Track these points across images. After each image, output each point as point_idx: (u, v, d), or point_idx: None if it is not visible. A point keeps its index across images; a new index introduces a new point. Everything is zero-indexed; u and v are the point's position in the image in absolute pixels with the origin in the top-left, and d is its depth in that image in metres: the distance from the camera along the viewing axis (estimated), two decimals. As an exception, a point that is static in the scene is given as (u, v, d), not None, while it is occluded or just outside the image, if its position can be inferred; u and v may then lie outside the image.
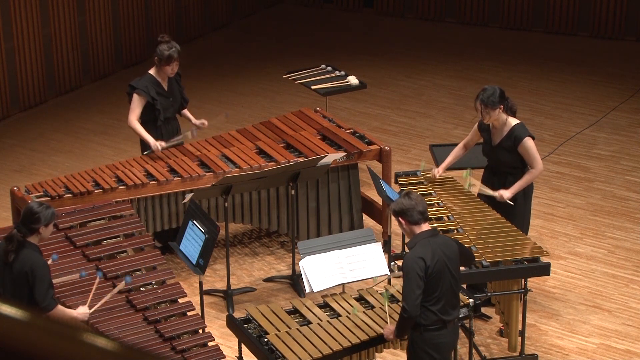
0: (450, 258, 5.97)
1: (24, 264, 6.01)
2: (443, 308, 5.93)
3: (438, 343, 5.97)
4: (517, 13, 13.71)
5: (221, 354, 6.37)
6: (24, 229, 6.07)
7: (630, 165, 10.09)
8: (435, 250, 5.90)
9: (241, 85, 12.29)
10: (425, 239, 5.95)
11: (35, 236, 6.10)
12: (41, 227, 6.07)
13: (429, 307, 5.91)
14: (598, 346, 7.42)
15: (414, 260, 5.88)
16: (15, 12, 11.16)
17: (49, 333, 1.56)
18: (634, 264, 8.43)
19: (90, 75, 12.32)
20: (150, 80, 8.32)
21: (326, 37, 13.78)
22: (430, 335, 5.95)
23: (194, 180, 8.07)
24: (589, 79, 12.19)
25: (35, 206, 6.09)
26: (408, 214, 5.96)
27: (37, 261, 6.03)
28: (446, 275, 5.92)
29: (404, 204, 5.98)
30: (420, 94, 11.96)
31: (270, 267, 8.51)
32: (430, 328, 5.94)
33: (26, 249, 6.04)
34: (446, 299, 5.93)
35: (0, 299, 1.99)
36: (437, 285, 5.90)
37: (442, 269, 5.90)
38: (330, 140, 8.61)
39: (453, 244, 6.07)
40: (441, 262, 5.90)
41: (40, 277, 6.01)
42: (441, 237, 6.06)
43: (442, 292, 5.91)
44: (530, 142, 7.35)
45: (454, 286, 5.99)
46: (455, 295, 6.03)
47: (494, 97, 7.29)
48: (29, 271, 6.00)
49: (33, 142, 10.89)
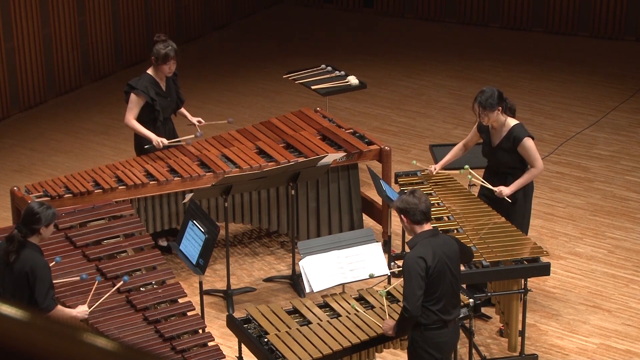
0: (451, 257, 5.97)
1: (24, 265, 6.01)
2: (444, 308, 5.93)
3: (439, 342, 5.97)
4: (517, 13, 13.71)
5: (221, 354, 6.37)
6: (25, 229, 6.07)
7: (630, 165, 10.09)
8: (435, 250, 5.90)
9: (241, 85, 12.29)
10: (426, 238, 5.95)
11: (36, 236, 6.10)
12: (42, 227, 6.07)
13: (430, 306, 5.91)
14: (598, 346, 7.42)
15: (415, 261, 5.87)
16: (15, 12, 11.16)
17: (49, 333, 1.56)
18: (634, 264, 8.43)
19: (90, 75, 12.32)
20: (149, 81, 8.31)
21: (326, 37, 13.78)
22: (431, 334, 5.95)
23: (194, 180, 8.07)
24: (589, 79, 12.19)
25: (35, 206, 6.09)
26: (410, 212, 5.96)
27: (38, 262, 6.03)
28: (447, 275, 5.92)
29: (407, 203, 5.97)
30: (420, 94, 11.96)
31: (270, 267, 8.51)
32: (431, 327, 5.93)
33: (27, 249, 6.05)
34: (447, 299, 5.93)
35: (1, 299, 1.99)
36: (437, 285, 5.90)
37: (442, 269, 5.90)
38: (330, 140, 8.61)
39: (453, 243, 6.07)
40: (442, 262, 5.89)
41: (40, 277, 6.01)
42: (441, 237, 6.06)
43: (443, 292, 5.91)
44: (529, 142, 7.35)
45: (454, 286, 5.99)
46: (456, 294, 6.03)
47: (492, 99, 7.29)
48: (29, 272, 6.01)
49: (33, 142, 10.89)
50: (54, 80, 11.87)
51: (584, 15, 13.37)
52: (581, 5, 13.36)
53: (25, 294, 6.06)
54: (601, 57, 12.78)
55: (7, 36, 11.15)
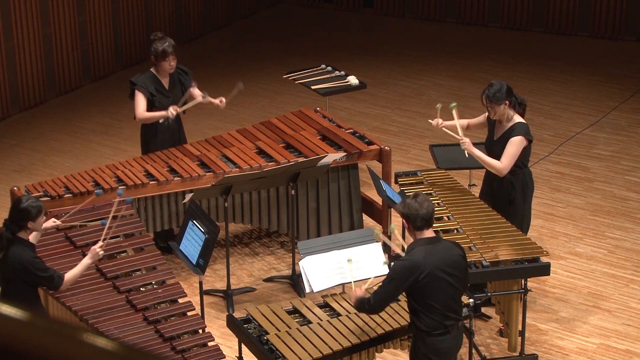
0: (449, 266, 5.83)
1: (13, 261, 6.02)
2: (442, 314, 5.83)
3: (440, 348, 5.89)
4: (517, 13, 13.71)
5: (221, 354, 6.37)
6: (12, 225, 6.07)
7: (630, 165, 10.09)
8: (429, 259, 5.79)
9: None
10: (422, 246, 5.86)
11: (25, 231, 6.10)
12: (29, 222, 6.06)
13: (427, 313, 5.82)
14: (598, 346, 7.42)
15: (404, 268, 5.81)
16: (15, 12, 11.16)
17: (49, 333, 1.56)
18: (634, 264, 8.43)
19: (90, 75, 12.32)
20: (150, 77, 8.32)
21: (326, 37, 13.78)
22: (432, 340, 5.87)
23: (194, 180, 8.07)
24: (589, 79, 12.19)
25: (22, 201, 6.08)
26: (411, 218, 5.87)
27: (25, 257, 6.02)
28: (442, 282, 5.80)
29: (409, 208, 5.86)
30: (420, 94, 11.96)
31: (270, 267, 8.51)
32: (432, 334, 5.85)
33: (15, 245, 6.05)
34: (443, 306, 5.82)
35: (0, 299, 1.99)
36: (430, 292, 5.79)
37: (435, 277, 5.78)
38: (330, 140, 8.61)
39: (455, 248, 5.95)
40: (435, 270, 5.77)
41: (33, 270, 6.02)
42: (442, 244, 5.93)
43: (438, 300, 5.80)
44: (520, 141, 7.28)
45: (452, 293, 5.86)
46: (456, 300, 5.92)
47: (499, 93, 7.27)
48: (19, 269, 6.01)
49: (33, 142, 10.89)
50: (54, 80, 11.87)
51: (584, 15, 13.37)
52: (581, 5, 13.36)
53: (17, 290, 6.07)
54: (601, 57, 12.77)
55: (7, 36, 11.15)
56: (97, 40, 12.27)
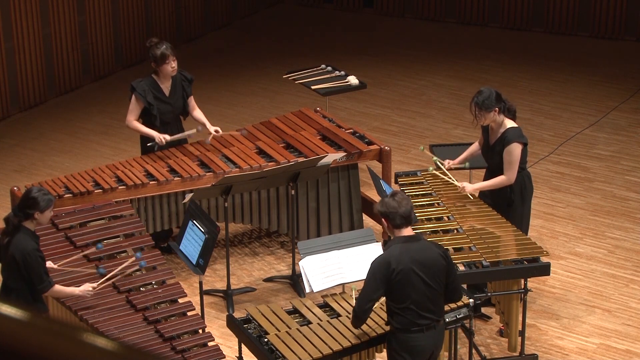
0: (424, 265, 5.82)
1: (14, 249, 6.05)
2: (415, 313, 5.82)
3: (413, 346, 5.89)
4: (517, 13, 13.71)
5: (221, 354, 6.37)
6: (20, 213, 6.10)
7: (630, 165, 10.09)
8: (403, 256, 5.79)
9: (241, 85, 12.29)
10: (398, 244, 5.87)
11: (31, 222, 6.11)
12: (37, 212, 6.08)
13: (399, 310, 5.84)
14: (598, 346, 7.42)
15: (379, 264, 5.82)
16: (15, 12, 11.16)
17: (49, 333, 1.56)
18: (634, 264, 8.43)
19: (90, 75, 12.32)
20: (150, 84, 8.29)
21: (326, 37, 13.78)
22: (404, 337, 5.88)
23: (194, 180, 8.06)
24: (589, 79, 12.19)
25: (34, 191, 6.14)
26: (390, 217, 5.86)
27: (26, 247, 6.05)
28: (415, 282, 5.80)
29: (387, 206, 5.86)
30: (420, 94, 11.96)
31: (270, 267, 8.50)
32: (403, 330, 5.87)
33: (20, 233, 6.07)
34: (417, 305, 5.81)
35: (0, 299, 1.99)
36: (403, 290, 5.80)
37: (408, 276, 5.78)
38: (330, 140, 8.61)
39: (434, 250, 5.90)
40: (408, 268, 5.77)
41: (30, 263, 6.06)
42: (421, 243, 5.91)
43: (411, 299, 5.80)
44: (516, 148, 7.26)
45: (428, 292, 5.83)
46: (432, 300, 5.87)
47: (488, 100, 7.26)
48: (18, 258, 6.04)
49: (33, 142, 10.89)
50: (54, 80, 11.87)
51: (584, 15, 13.37)
52: (581, 5, 13.36)
53: (16, 277, 6.11)
54: (601, 57, 12.77)
55: (7, 36, 11.15)
56: (97, 40, 12.27)
